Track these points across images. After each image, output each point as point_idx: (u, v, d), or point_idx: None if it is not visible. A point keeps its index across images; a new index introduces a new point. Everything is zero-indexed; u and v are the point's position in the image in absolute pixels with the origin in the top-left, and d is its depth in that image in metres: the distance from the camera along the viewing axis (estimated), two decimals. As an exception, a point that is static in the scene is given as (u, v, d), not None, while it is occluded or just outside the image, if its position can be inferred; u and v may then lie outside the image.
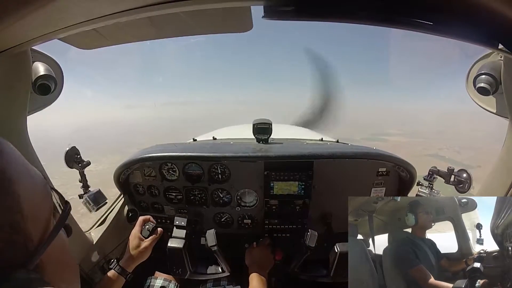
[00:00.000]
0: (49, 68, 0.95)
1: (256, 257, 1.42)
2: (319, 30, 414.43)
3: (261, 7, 0.56)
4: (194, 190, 1.59)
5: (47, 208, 0.45)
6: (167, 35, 0.94)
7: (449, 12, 0.55)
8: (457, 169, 1.25)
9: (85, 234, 1.30)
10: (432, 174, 1.32)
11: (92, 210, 1.31)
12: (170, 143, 1.70)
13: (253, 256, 1.43)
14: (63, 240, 0.49)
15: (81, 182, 1.31)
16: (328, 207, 1.59)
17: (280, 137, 1.87)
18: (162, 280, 1.43)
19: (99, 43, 0.94)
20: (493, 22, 0.54)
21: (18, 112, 0.88)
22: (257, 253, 1.44)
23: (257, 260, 1.41)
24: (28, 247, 0.39)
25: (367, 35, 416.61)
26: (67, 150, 1.24)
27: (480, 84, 0.91)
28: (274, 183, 1.52)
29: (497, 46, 0.63)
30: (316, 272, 1.48)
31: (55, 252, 0.44)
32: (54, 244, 0.43)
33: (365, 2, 0.56)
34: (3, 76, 0.78)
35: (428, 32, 0.59)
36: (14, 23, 0.52)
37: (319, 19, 0.59)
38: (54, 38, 0.71)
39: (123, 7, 0.57)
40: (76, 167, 1.27)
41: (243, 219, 1.66)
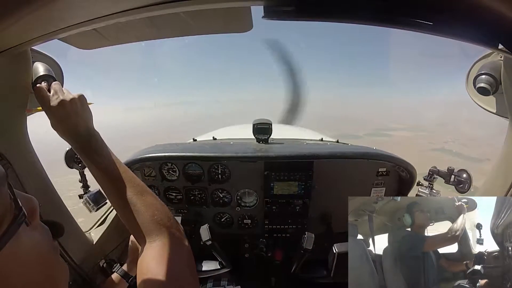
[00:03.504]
0: (49, 68, 0.95)
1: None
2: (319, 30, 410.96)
3: (261, 7, 0.56)
4: (194, 190, 1.59)
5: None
6: (167, 35, 0.94)
7: (449, 12, 0.55)
8: (457, 169, 1.25)
9: (85, 234, 1.30)
10: (432, 174, 1.32)
11: (92, 210, 1.31)
12: (170, 143, 1.70)
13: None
14: (31, 248, 0.41)
15: (81, 182, 1.31)
16: (328, 207, 1.59)
17: (280, 137, 1.87)
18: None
19: (99, 43, 0.94)
20: (493, 22, 0.54)
21: (18, 112, 0.88)
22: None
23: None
24: None
25: (367, 31, 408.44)
26: (67, 150, 1.24)
27: (480, 84, 0.91)
28: (274, 183, 1.52)
29: (497, 46, 0.63)
30: (316, 272, 1.48)
31: (11, 264, 0.37)
32: (11, 251, 0.36)
33: (365, 2, 0.56)
34: (3, 76, 0.78)
35: (428, 32, 0.59)
36: (14, 23, 0.52)
37: (319, 19, 0.59)
38: (54, 38, 0.71)
39: (123, 7, 0.57)
40: (76, 167, 1.27)
41: (243, 219, 1.66)
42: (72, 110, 0.74)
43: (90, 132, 0.77)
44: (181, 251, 0.69)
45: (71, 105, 0.75)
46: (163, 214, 0.72)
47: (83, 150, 0.74)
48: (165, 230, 0.68)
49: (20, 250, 0.39)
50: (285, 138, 2.03)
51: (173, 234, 0.69)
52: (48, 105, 0.74)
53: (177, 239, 0.69)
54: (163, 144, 1.70)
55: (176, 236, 0.69)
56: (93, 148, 0.75)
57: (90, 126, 0.78)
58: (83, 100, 0.79)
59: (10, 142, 0.86)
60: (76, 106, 0.76)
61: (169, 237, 0.68)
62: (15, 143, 0.89)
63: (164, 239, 0.67)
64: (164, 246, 0.66)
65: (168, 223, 0.71)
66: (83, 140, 0.75)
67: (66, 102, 0.74)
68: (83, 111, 0.78)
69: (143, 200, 0.72)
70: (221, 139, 2.21)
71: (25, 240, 0.40)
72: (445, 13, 0.55)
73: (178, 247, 0.68)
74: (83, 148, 0.74)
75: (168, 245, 0.66)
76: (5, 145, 0.84)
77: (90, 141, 0.75)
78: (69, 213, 1.17)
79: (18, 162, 0.87)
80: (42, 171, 1.02)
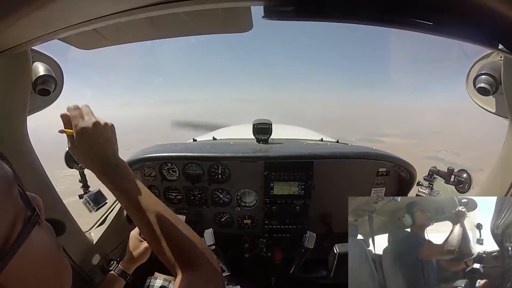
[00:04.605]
0: (49, 68, 0.95)
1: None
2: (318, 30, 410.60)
3: (261, 7, 0.56)
4: (194, 190, 1.59)
5: (9, 212, 0.38)
6: (167, 35, 0.94)
7: (449, 12, 0.55)
8: (457, 169, 1.25)
9: (85, 234, 1.30)
10: (432, 174, 1.32)
11: (92, 210, 1.31)
12: (170, 143, 1.71)
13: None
14: (42, 246, 0.43)
15: (81, 182, 1.31)
16: (328, 207, 1.59)
17: (280, 137, 1.87)
18: (162, 280, 1.43)
19: (99, 43, 0.94)
20: (493, 22, 0.54)
21: (18, 112, 0.88)
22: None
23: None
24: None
25: (362, 34, 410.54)
26: (67, 150, 1.24)
27: (480, 84, 0.91)
28: (274, 183, 1.52)
29: (497, 46, 0.63)
30: (316, 272, 1.48)
31: (26, 263, 0.39)
32: (26, 252, 0.38)
33: (365, 2, 0.56)
34: (3, 76, 0.78)
35: (428, 32, 0.59)
36: (14, 23, 0.52)
37: (319, 19, 0.59)
38: (54, 38, 0.71)
39: (123, 7, 0.57)
40: (76, 167, 1.27)
41: (243, 219, 1.66)
42: (103, 134, 0.70)
43: (119, 160, 0.72)
44: (219, 280, 0.68)
45: (105, 129, 0.71)
46: (198, 243, 0.68)
47: (110, 177, 0.69)
48: (202, 260, 0.66)
49: (32, 249, 0.40)
50: (285, 138, 2.03)
51: (210, 263, 0.67)
52: (82, 125, 0.67)
53: (213, 268, 0.67)
54: (163, 144, 1.70)
55: (213, 266, 0.67)
56: (123, 176, 0.69)
57: (118, 154, 0.74)
58: (113, 127, 0.75)
59: (10, 142, 0.86)
60: (107, 131, 0.71)
61: (206, 267, 0.66)
62: (15, 143, 0.89)
63: (201, 269, 0.65)
64: (201, 276, 0.64)
65: (204, 252, 0.68)
66: (111, 168, 0.69)
67: (100, 125, 0.70)
68: (113, 137, 0.74)
69: (178, 231, 0.68)
70: (221, 139, 2.21)
71: (35, 238, 0.41)
72: (445, 13, 0.55)
73: (216, 277, 0.67)
74: (110, 176, 0.69)
75: (205, 275, 0.65)
76: (5, 145, 0.84)
77: (118, 169, 0.70)
78: (69, 213, 1.17)
79: (18, 162, 0.87)
80: (42, 171, 1.02)
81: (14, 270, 0.35)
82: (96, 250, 1.32)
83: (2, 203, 0.37)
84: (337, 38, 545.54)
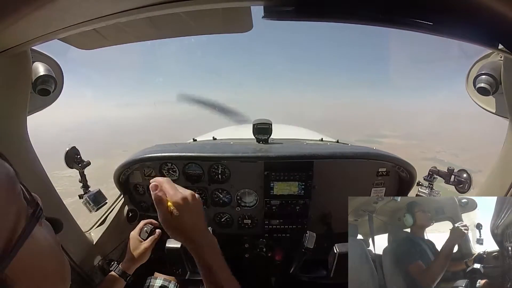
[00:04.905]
0: (49, 68, 0.95)
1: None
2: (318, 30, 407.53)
3: (261, 7, 0.56)
4: (194, 190, 1.59)
5: (14, 208, 0.39)
6: (167, 35, 0.94)
7: (449, 12, 0.55)
8: (457, 169, 1.25)
9: (85, 234, 1.30)
10: (432, 174, 1.32)
11: (92, 210, 1.31)
12: (170, 143, 1.71)
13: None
14: (44, 242, 0.44)
15: (81, 182, 1.31)
16: (328, 207, 1.59)
17: (280, 137, 1.87)
18: (162, 280, 1.43)
19: (99, 43, 0.94)
20: (493, 22, 0.54)
21: (18, 112, 0.88)
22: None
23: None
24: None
25: (362, 35, 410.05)
26: (67, 150, 1.24)
27: (480, 84, 0.91)
28: (274, 183, 1.52)
29: (497, 46, 0.63)
30: (316, 272, 1.48)
31: (30, 258, 0.40)
32: (30, 246, 0.39)
33: (365, 2, 0.56)
34: (3, 76, 0.78)
35: (428, 32, 0.59)
36: (14, 23, 0.52)
37: (319, 19, 0.59)
38: (54, 38, 0.71)
39: (123, 7, 0.57)
40: (76, 167, 1.27)
41: (243, 219, 1.66)
42: (194, 207, 0.73)
43: (208, 233, 0.75)
44: None
45: (199, 203, 0.75)
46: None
47: (199, 251, 0.71)
48: None
49: (35, 243, 0.41)
50: (285, 138, 2.03)
51: None
52: (174, 199, 0.71)
53: None
54: (163, 144, 1.70)
55: None
56: (212, 249, 0.73)
57: (205, 227, 0.77)
58: (200, 199, 0.78)
59: (10, 142, 0.86)
60: (198, 205, 0.75)
61: None
62: (15, 143, 0.89)
63: None
64: None
65: None
66: (202, 241, 0.72)
67: (189, 198, 0.73)
68: (201, 210, 0.76)
69: None
70: (221, 139, 2.21)
71: (37, 235, 0.42)
72: (445, 13, 0.55)
73: None
74: (199, 250, 0.72)
75: None
76: (5, 145, 0.84)
77: (210, 242, 0.74)
78: (69, 213, 1.17)
79: (18, 162, 0.87)
80: (42, 171, 1.02)
81: (19, 264, 0.37)
82: (96, 250, 1.32)
83: (6, 200, 0.38)
84: (337, 38, 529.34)
